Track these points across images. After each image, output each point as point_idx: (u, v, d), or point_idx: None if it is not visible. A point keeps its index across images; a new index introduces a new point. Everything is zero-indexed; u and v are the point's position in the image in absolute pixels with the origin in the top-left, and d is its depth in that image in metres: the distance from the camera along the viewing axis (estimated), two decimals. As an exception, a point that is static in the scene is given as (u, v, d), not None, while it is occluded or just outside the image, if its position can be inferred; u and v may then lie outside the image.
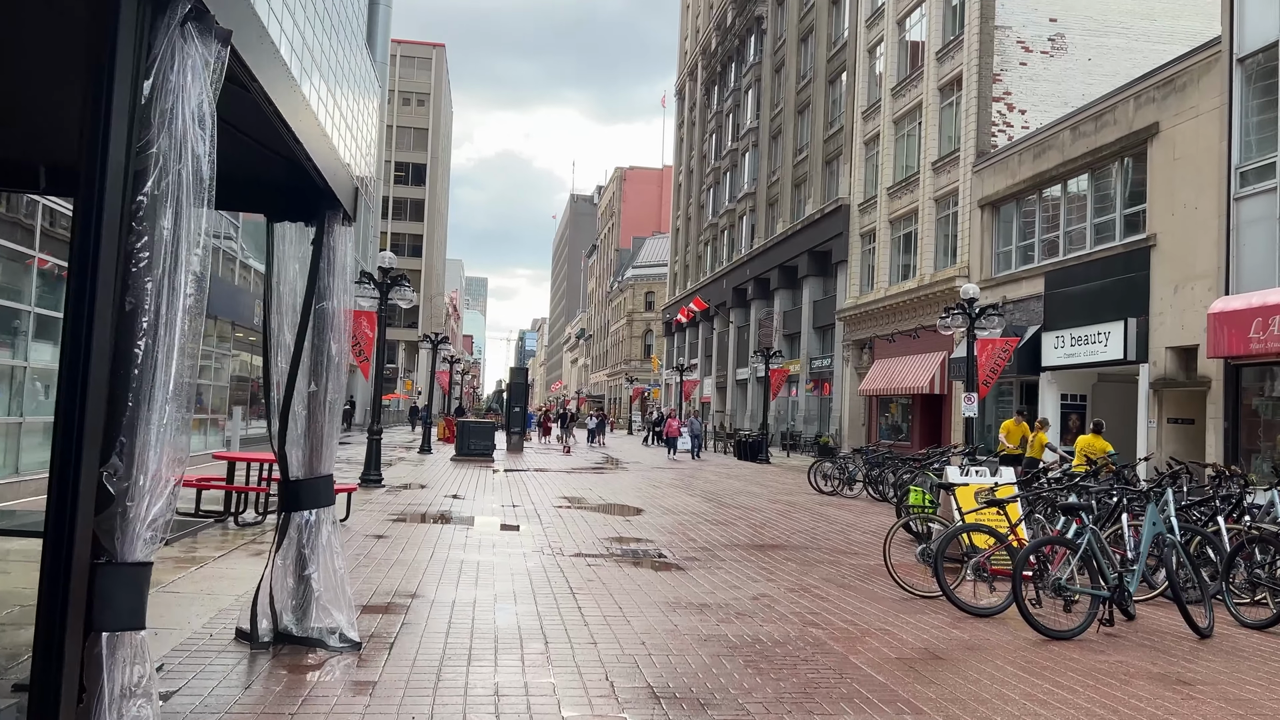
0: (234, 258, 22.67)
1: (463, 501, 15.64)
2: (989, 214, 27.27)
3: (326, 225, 6.07)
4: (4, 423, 14.29)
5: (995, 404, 26.34)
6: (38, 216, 14.38)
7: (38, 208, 14.37)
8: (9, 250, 14.28)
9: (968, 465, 11.40)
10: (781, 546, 11.94)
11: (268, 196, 6.21)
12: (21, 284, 14.57)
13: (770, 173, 48.76)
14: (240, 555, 9.31)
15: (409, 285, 17.89)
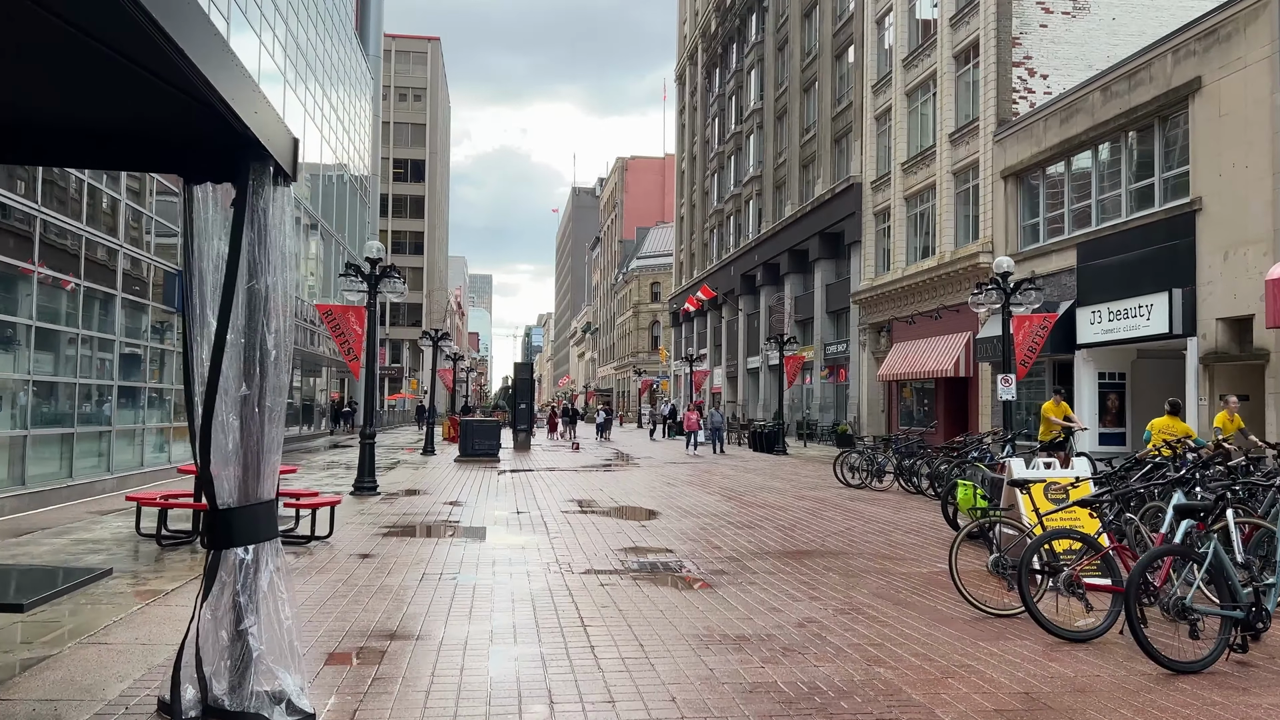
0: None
1: (462, 509, 14.35)
2: (1013, 185, 25.85)
3: (254, 183, 4.75)
4: (8, 435, 13.30)
5: (1025, 386, 24.95)
6: (35, 226, 13.20)
7: (35, 221, 13.16)
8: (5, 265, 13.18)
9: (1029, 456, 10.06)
10: (818, 553, 10.61)
11: (182, 153, 4.90)
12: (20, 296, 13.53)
13: (776, 154, 47.31)
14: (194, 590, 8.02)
15: (399, 277, 16.58)
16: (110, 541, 10.62)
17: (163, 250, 17.99)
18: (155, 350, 17.86)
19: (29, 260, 12.86)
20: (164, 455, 18.32)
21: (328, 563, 9.39)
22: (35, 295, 13.10)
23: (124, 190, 16.25)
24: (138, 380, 16.92)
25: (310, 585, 8.22)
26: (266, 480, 5.06)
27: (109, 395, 15.59)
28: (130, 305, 16.56)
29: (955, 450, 16.36)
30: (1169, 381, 19.57)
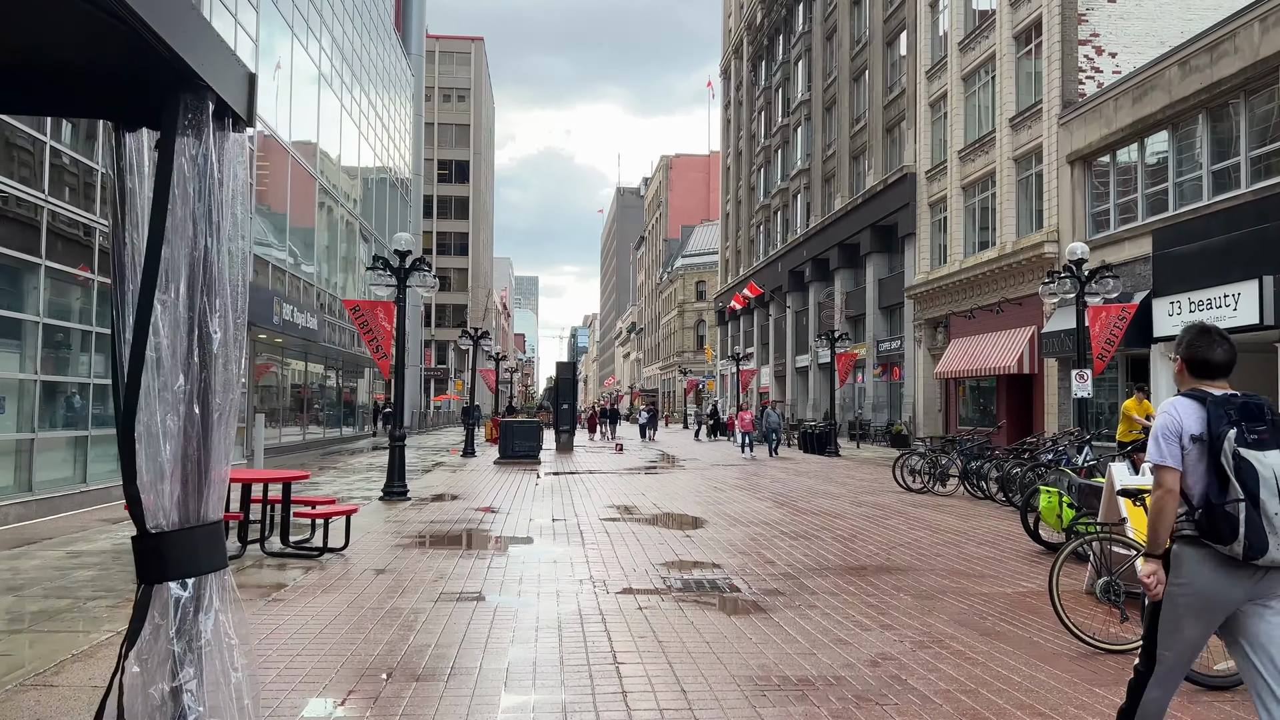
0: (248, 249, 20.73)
1: (494, 516, 13.41)
2: (1080, 170, 24.34)
3: (188, 123, 3.77)
4: (13, 439, 12.77)
5: (1096, 384, 23.44)
6: (42, 216, 12.58)
7: (42, 211, 12.53)
8: (17, 260, 12.58)
9: (1120, 458, 8.82)
10: (884, 568, 9.47)
11: (106, 90, 3.94)
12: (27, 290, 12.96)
13: (825, 146, 45.93)
14: (184, 610, 7.12)
15: (429, 270, 15.70)
16: (109, 554, 9.82)
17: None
18: (180, 349, 17.21)
19: (36, 253, 12.17)
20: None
21: (337, 579, 8.47)
22: (43, 289, 12.40)
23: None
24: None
25: (311, 608, 7.28)
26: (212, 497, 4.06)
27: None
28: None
29: (1027, 452, 15.08)
30: (1260, 376, 18.04)
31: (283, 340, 26.14)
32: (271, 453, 26.84)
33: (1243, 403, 3.46)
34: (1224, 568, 3.42)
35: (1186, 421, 3.50)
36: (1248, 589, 3.42)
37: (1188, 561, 3.51)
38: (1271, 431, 3.40)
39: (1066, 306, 24.26)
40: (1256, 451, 3.36)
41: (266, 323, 21.16)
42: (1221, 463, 3.39)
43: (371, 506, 14.51)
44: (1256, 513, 3.32)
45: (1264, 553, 3.31)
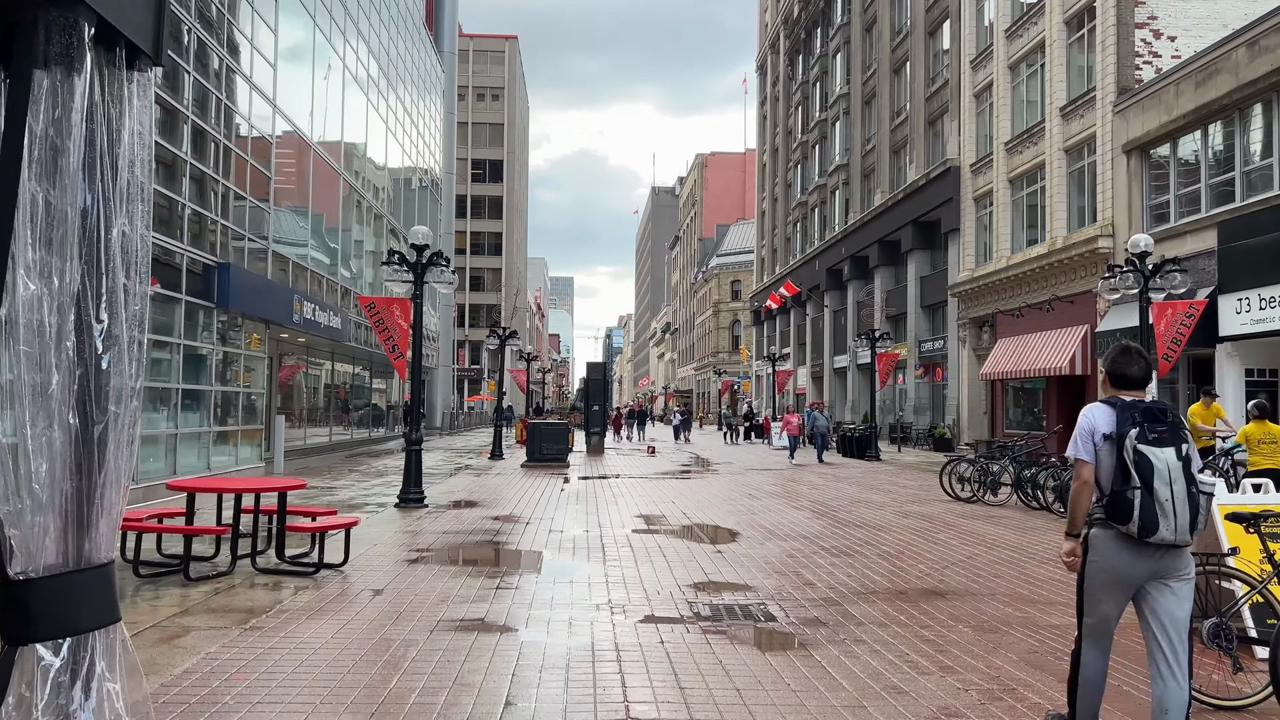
0: (267, 247, 20.11)
1: (512, 527, 12.56)
2: (1137, 160, 23.05)
3: (56, 55, 2.93)
4: None
5: (1157, 385, 22.17)
6: None
7: None
8: None
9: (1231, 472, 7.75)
10: (937, 592, 8.48)
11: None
12: None
13: (864, 141, 44.71)
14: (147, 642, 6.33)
15: (448, 265, 14.90)
16: None
17: (196, 239, 16.68)
18: (191, 348, 16.56)
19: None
20: (202, 463, 17.02)
21: (329, 601, 7.65)
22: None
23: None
24: (164, 380, 15.62)
25: (291, 638, 6.46)
26: (100, 532, 3.21)
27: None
28: (159, 299, 15.26)
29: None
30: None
31: (306, 340, 25.56)
32: (295, 455, 26.28)
33: (1146, 407, 4.02)
34: (1129, 547, 3.97)
35: (1099, 423, 4.07)
36: (1150, 567, 3.98)
37: (1100, 541, 4.08)
38: (1170, 431, 3.93)
39: (1123, 304, 23.00)
40: (1154, 448, 3.90)
41: (286, 321, 20.54)
42: (1124, 456, 3.94)
43: (385, 515, 13.74)
44: (1150, 498, 3.87)
45: (1154, 531, 3.87)
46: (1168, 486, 3.88)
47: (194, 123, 16.67)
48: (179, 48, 16.04)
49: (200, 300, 16.69)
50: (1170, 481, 3.89)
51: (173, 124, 15.88)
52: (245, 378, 19.33)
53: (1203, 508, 3.97)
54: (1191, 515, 3.92)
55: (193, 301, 16.41)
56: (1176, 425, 4.00)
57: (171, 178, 15.74)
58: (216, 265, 17.00)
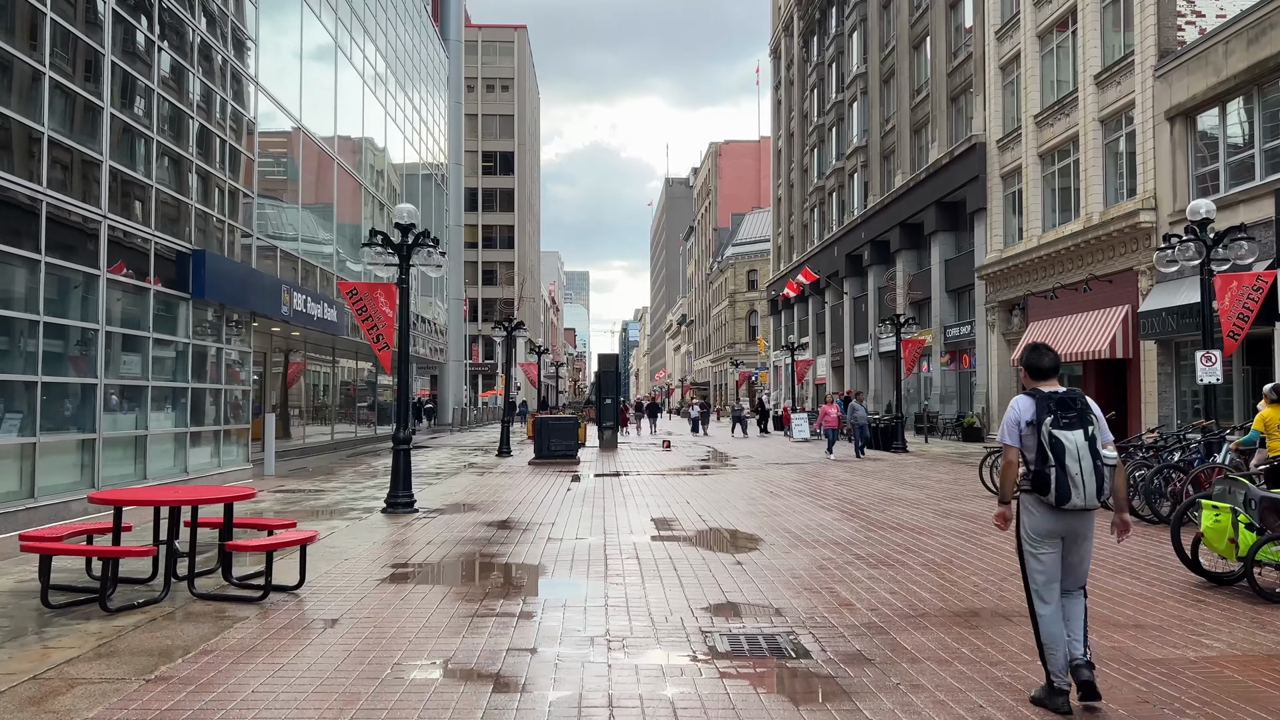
0: (250, 234, 18.84)
1: (507, 534, 11.24)
2: (1181, 127, 21.46)
3: None
4: (17, 443, 11.64)
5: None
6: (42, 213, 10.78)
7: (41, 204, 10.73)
8: (20, 258, 10.90)
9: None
10: (1001, 614, 7.10)
11: None
12: (32, 292, 11.36)
13: (883, 121, 43.11)
14: (12, 704, 5.03)
15: (436, 246, 13.57)
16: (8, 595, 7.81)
17: (168, 223, 15.41)
18: (163, 342, 15.31)
19: None
20: (178, 467, 15.78)
21: (268, 637, 6.34)
22: None
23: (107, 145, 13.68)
24: (132, 377, 14.37)
25: (202, 694, 5.14)
26: None
27: (91, 396, 13.02)
28: (124, 289, 14.01)
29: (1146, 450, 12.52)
30: None
31: (301, 334, 24.33)
32: (293, 454, 25.09)
33: (1060, 397, 4.92)
34: (1049, 511, 4.94)
35: (1023, 413, 5.01)
36: (1067, 525, 4.96)
37: (1029, 507, 5.06)
38: (1079, 416, 4.84)
39: (1168, 282, 21.44)
40: (1066, 431, 4.82)
41: (273, 313, 19.26)
42: (1042, 440, 4.86)
43: (368, 522, 12.45)
44: (1063, 473, 4.80)
45: (1068, 500, 4.83)
46: (1077, 463, 4.72)
47: (168, 101, 15.41)
48: (149, 14, 14.77)
49: (174, 291, 15.42)
50: (1079, 459, 4.72)
51: (146, 103, 14.64)
52: (231, 374, 18.09)
53: (1106, 478, 4.82)
54: (1097, 485, 4.77)
55: (165, 292, 15.15)
56: (1084, 411, 4.84)
57: (140, 156, 14.49)
58: (191, 252, 15.74)
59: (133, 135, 14.28)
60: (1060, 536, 4.94)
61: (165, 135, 15.26)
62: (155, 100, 14.87)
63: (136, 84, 14.41)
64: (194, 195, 16.25)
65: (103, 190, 13.22)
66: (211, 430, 17.12)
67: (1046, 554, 4.97)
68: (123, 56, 13.93)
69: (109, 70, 13.48)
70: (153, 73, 14.80)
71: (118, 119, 13.76)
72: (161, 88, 15.08)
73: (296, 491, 16.41)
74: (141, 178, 14.46)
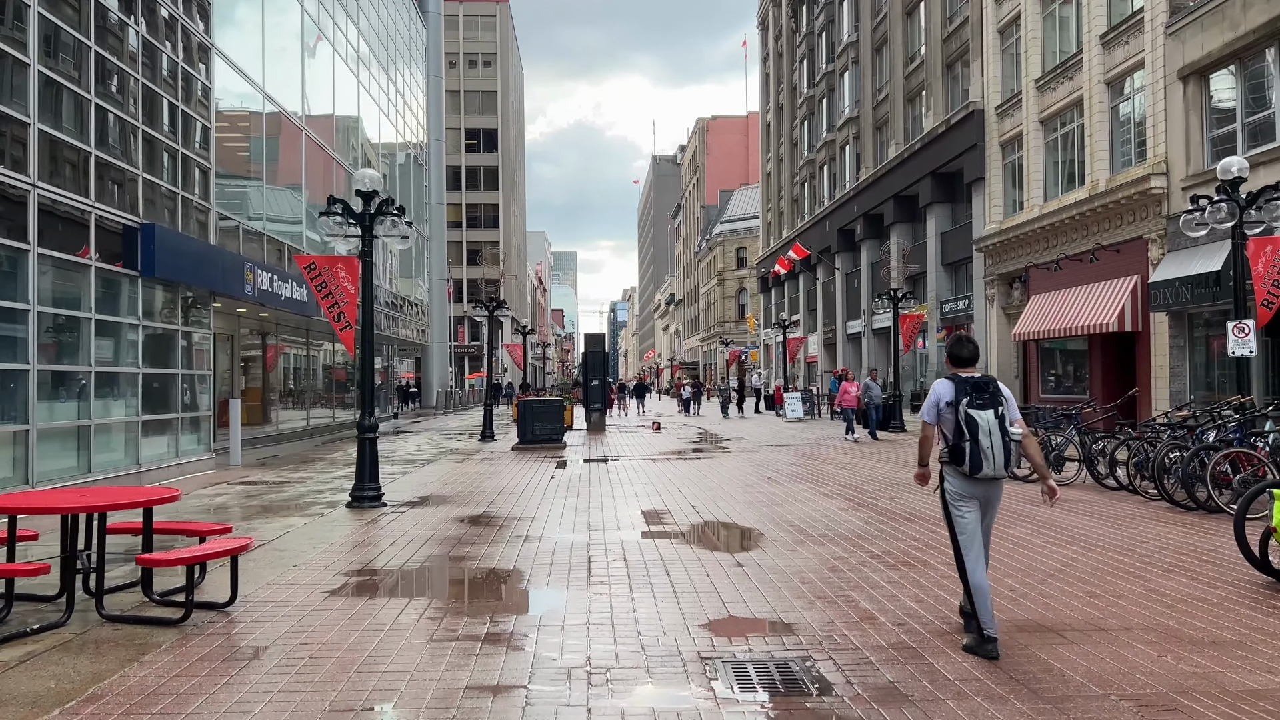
0: (205, 207, 17.55)
1: (482, 534, 10.14)
2: (1194, 87, 20.36)
3: None
4: (8, 430, 11.27)
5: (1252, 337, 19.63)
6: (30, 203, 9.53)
7: None
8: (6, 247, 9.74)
9: None
10: (1050, 627, 6.05)
11: None
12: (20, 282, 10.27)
13: (876, 91, 41.88)
14: None
15: (403, 216, 12.39)
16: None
17: (112, 194, 14.16)
18: (109, 324, 14.09)
19: None
20: (129, 459, 14.60)
21: (177, 675, 5.24)
22: None
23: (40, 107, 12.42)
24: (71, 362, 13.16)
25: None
26: None
27: (21, 383, 11.81)
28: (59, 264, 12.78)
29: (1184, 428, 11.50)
30: None
31: (270, 314, 23.08)
32: (265, 442, 23.91)
33: (975, 381, 5.54)
34: (965, 480, 5.59)
35: (943, 394, 5.61)
36: (981, 491, 5.64)
37: (949, 475, 5.68)
38: (990, 398, 5.48)
39: (1181, 251, 20.43)
40: (979, 411, 5.46)
41: (235, 292, 18.02)
42: (959, 418, 5.49)
43: (330, 518, 11.34)
44: (976, 448, 5.45)
45: (980, 470, 5.46)
46: (988, 438, 5.44)
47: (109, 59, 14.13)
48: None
49: (120, 268, 14.18)
50: (990, 435, 5.44)
51: (79, 59, 13.36)
52: (190, 358, 16.88)
53: (1013, 451, 5.56)
54: (1005, 457, 5.49)
55: (109, 269, 13.90)
56: (995, 394, 5.53)
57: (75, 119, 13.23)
58: (139, 226, 14.49)
59: (64, 95, 13.01)
60: (977, 501, 5.62)
61: (106, 98, 13.99)
62: (91, 57, 13.58)
63: (66, 37, 13.12)
64: (141, 164, 14.98)
65: (30, 155, 11.96)
66: (168, 419, 15.93)
67: (969, 514, 5.63)
68: (49, 6, 12.63)
69: (35, 22, 12.20)
70: (86, 24, 13.50)
71: (48, 78, 12.50)
72: (99, 44, 13.79)
73: (259, 484, 15.27)
74: (77, 142, 13.19)
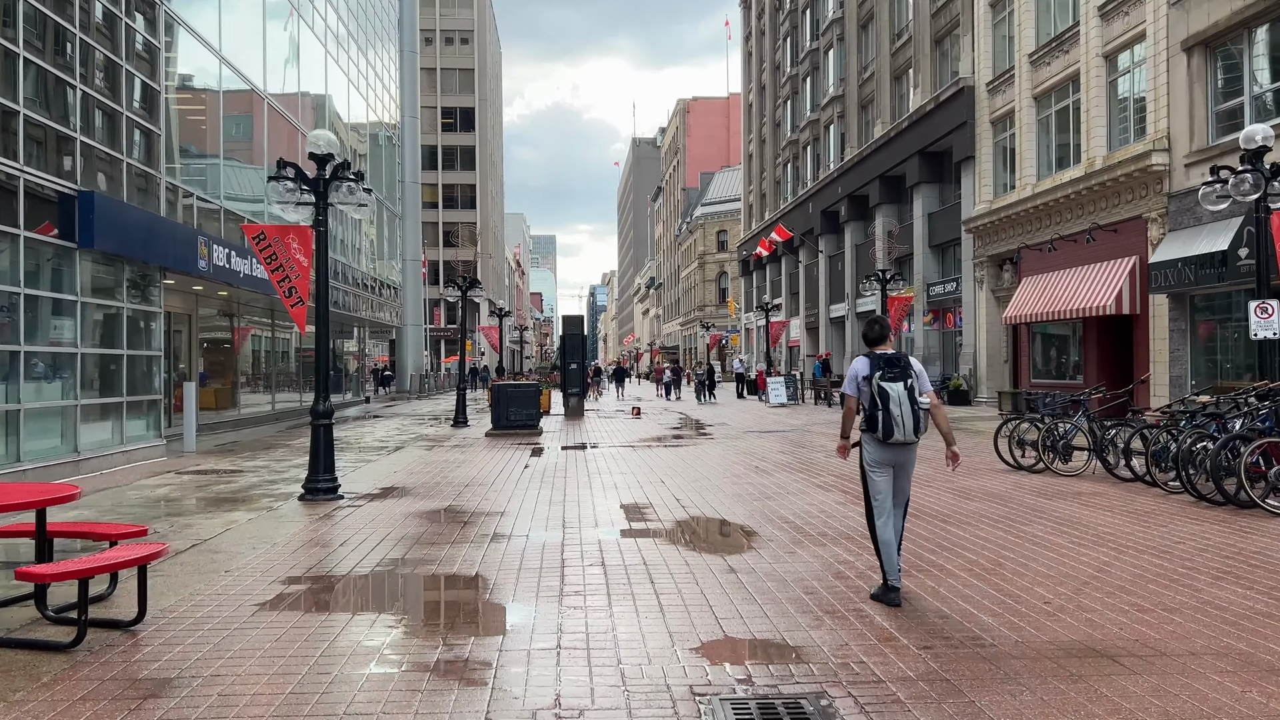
0: (157, 178, 16.38)
1: (443, 532, 9.14)
2: (1200, 58, 19.53)
3: None
4: None
5: (1224, 321, 18.87)
6: None
7: None
8: None
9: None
10: (1101, 651, 5.14)
11: None
12: None
13: (861, 69, 40.93)
14: None
15: (359, 181, 11.30)
16: None
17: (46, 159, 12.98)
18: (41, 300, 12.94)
19: None
20: (67, 446, 13.49)
21: (53, 717, 4.23)
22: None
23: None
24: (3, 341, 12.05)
25: None
26: None
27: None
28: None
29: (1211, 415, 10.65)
30: None
31: (229, 294, 21.91)
32: (226, 426, 22.80)
33: (888, 357, 6.09)
34: (879, 445, 6.08)
35: (860, 370, 6.16)
36: (895, 456, 6.13)
37: (866, 442, 6.18)
38: (901, 371, 6.01)
39: (1182, 230, 19.65)
40: (891, 383, 5.99)
41: (188, 268, 16.85)
42: (874, 390, 6.01)
43: (279, 512, 10.31)
44: (888, 416, 5.95)
45: (892, 436, 5.97)
46: (899, 408, 5.95)
47: (41, 10, 12.94)
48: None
49: (55, 239, 13.02)
50: (900, 404, 5.95)
51: (9, 8, 12.18)
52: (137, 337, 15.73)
53: (922, 419, 6.03)
54: (914, 424, 5.97)
55: (41, 239, 12.74)
56: (906, 368, 6.05)
57: (6, 76, 12.05)
58: (77, 194, 13.33)
59: None
60: (891, 465, 6.13)
61: (40, 54, 12.80)
62: (19, 7, 12.39)
63: None
64: (81, 127, 13.80)
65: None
66: (111, 403, 14.80)
67: (882, 477, 6.14)
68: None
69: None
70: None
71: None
72: None
73: (210, 473, 14.19)
74: (4, 100, 12.01)
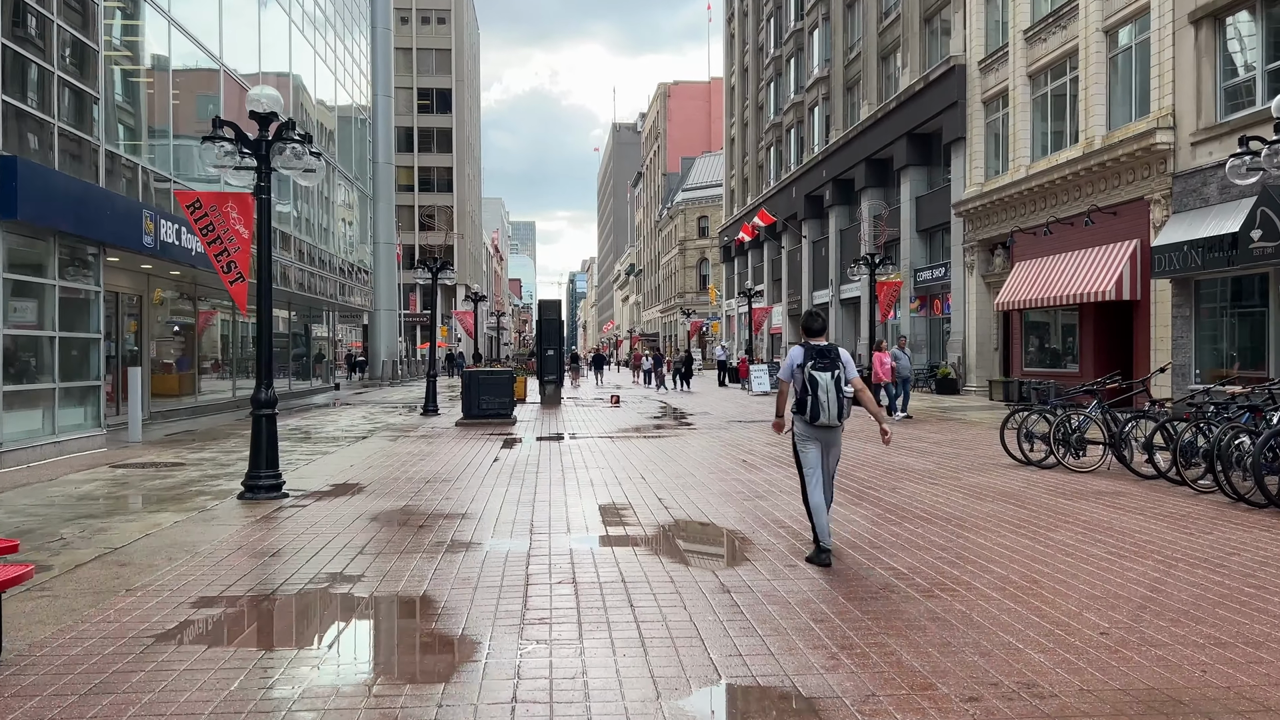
0: (94, 144, 15.10)
1: (397, 537, 8.04)
2: (1208, 32, 18.59)
3: None
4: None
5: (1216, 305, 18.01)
6: None
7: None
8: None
9: None
10: (1188, 706, 4.12)
11: None
12: None
13: (848, 49, 39.88)
14: None
15: (305, 144, 10.12)
16: None
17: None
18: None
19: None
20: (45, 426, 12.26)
21: None
22: None
23: None
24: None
25: None
26: None
27: None
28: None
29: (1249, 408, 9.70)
30: None
31: (183, 273, 20.60)
32: (181, 415, 21.53)
33: (820, 348, 6.84)
34: (808, 426, 6.88)
35: (795, 358, 6.88)
36: (822, 436, 6.94)
37: (797, 422, 6.98)
38: (830, 362, 6.77)
39: (1188, 212, 18.75)
40: (820, 372, 6.72)
41: (131, 244, 15.58)
42: (804, 377, 6.74)
43: (214, 513, 9.16)
44: (815, 401, 6.70)
45: (818, 418, 6.73)
46: (825, 394, 6.68)
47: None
48: None
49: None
50: (827, 391, 6.68)
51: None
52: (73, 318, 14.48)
53: (846, 405, 6.80)
54: (838, 410, 6.72)
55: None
56: (834, 359, 6.81)
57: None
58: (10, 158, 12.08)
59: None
60: (819, 441, 6.95)
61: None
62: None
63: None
64: (3, 84, 12.53)
65: None
66: (39, 389, 13.55)
67: (812, 452, 6.96)
68: None
69: None
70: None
71: None
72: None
73: (148, 466, 13.00)
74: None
